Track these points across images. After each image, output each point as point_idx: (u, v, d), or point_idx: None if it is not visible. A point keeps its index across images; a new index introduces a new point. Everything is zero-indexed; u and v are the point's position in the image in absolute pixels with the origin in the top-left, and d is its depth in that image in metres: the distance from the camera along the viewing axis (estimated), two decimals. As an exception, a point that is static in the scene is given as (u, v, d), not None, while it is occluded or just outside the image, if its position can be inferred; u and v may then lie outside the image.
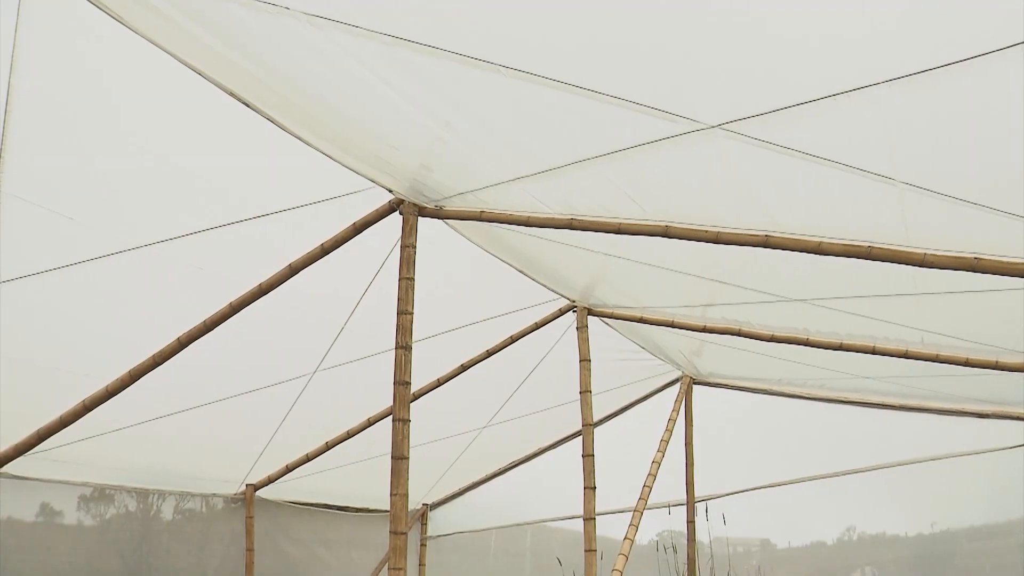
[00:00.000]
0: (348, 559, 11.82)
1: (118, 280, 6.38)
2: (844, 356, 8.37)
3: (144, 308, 6.89)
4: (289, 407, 8.64)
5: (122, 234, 5.92)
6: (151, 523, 9.80)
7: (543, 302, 8.47)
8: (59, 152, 5.22)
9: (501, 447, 11.84)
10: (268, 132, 5.26)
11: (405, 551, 6.09)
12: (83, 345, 7.07)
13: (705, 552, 11.89)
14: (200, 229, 6.01)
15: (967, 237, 5.17)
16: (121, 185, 5.62)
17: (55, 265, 5.94)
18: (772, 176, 5.15)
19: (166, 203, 5.88)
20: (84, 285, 6.31)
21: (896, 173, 4.67)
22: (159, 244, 6.01)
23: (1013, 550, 10.78)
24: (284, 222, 6.13)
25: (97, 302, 6.63)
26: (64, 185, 5.45)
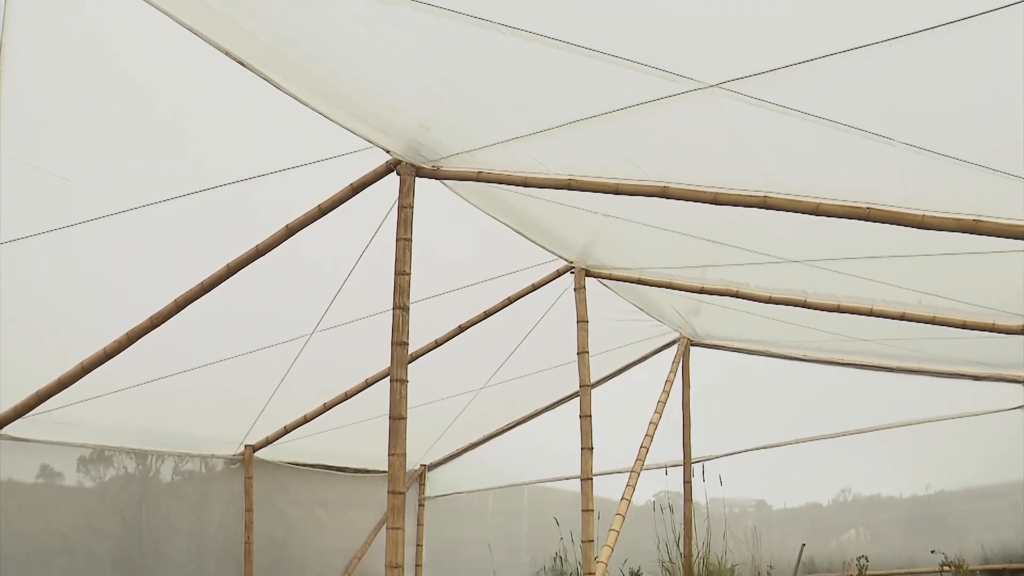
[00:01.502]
0: (346, 519, 11.89)
1: (115, 242, 6.36)
2: (842, 318, 8.38)
3: (141, 270, 6.88)
4: (287, 368, 8.65)
5: (119, 196, 5.89)
6: (150, 484, 9.84)
7: (541, 263, 8.46)
8: (55, 114, 5.18)
9: (499, 408, 11.88)
10: (265, 92, 5.22)
11: (403, 511, 6.12)
12: (81, 307, 7.07)
13: (701, 512, 11.96)
14: (197, 190, 5.98)
15: (966, 199, 5.15)
16: (118, 147, 5.58)
17: (52, 227, 5.92)
18: (771, 136, 5.13)
19: (163, 165, 5.84)
20: (81, 247, 6.29)
21: (895, 133, 4.65)
22: (156, 205, 5.98)
23: (1007, 511, 10.86)
24: (281, 183, 6.09)
25: (95, 264, 6.62)
26: (60, 147, 5.42)
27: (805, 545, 11.69)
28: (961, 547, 9.88)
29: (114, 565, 9.26)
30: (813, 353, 11.15)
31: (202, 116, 5.57)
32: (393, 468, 6.01)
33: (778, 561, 11.67)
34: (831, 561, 11.70)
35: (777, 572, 11.55)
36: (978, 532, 10.78)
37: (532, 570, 12.65)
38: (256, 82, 5.13)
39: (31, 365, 7.20)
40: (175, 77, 5.22)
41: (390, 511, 5.98)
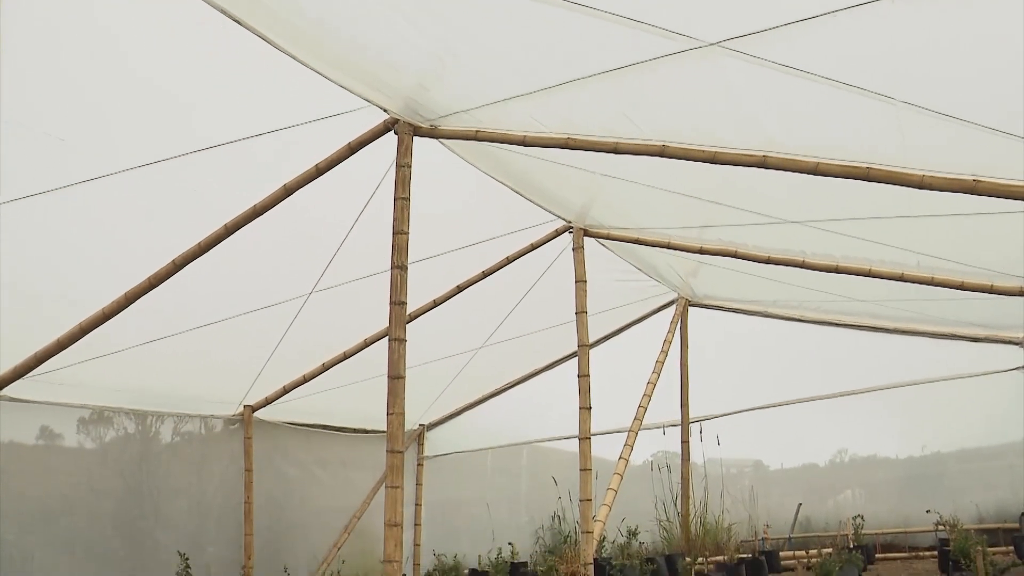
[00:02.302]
0: (345, 479, 11.95)
1: (112, 203, 6.33)
2: (840, 278, 8.39)
3: (139, 230, 6.85)
4: (286, 329, 8.66)
5: (115, 156, 5.86)
6: (150, 444, 9.88)
7: (539, 223, 8.44)
8: (50, 74, 5.13)
9: (497, 368, 11.91)
10: (261, 51, 5.17)
11: (402, 470, 6.14)
12: (79, 268, 7.05)
13: (699, 472, 12.03)
14: (194, 150, 5.94)
15: (966, 159, 5.14)
16: (113, 107, 5.54)
17: (47, 188, 5.89)
18: (770, 95, 5.10)
19: (159, 124, 5.80)
20: (78, 208, 6.26)
21: (895, 92, 4.62)
22: (153, 165, 5.95)
23: (1002, 471, 10.93)
24: (278, 143, 6.06)
25: (92, 225, 6.59)
26: (55, 107, 5.38)
27: (802, 504, 11.78)
28: (956, 507, 9.95)
29: (115, 525, 9.32)
30: (811, 314, 11.17)
31: (199, 76, 5.53)
32: (392, 427, 6.03)
33: (775, 520, 11.76)
34: (827, 520, 11.79)
35: (774, 531, 11.64)
36: (973, 492, 10.85)
37: (531, 529, 12.73)
38: (253, 41, 5.09)
39: (30, 327, 7.21)
40: (171, 37, 5.17)
41: (389, 470, 6.01)
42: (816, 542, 10.45)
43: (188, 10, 4.76)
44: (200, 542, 9.95)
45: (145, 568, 9.11)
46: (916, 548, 11.01)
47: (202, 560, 9.48)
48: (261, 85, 5.69)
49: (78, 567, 8.71)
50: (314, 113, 5.94)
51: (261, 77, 5.60)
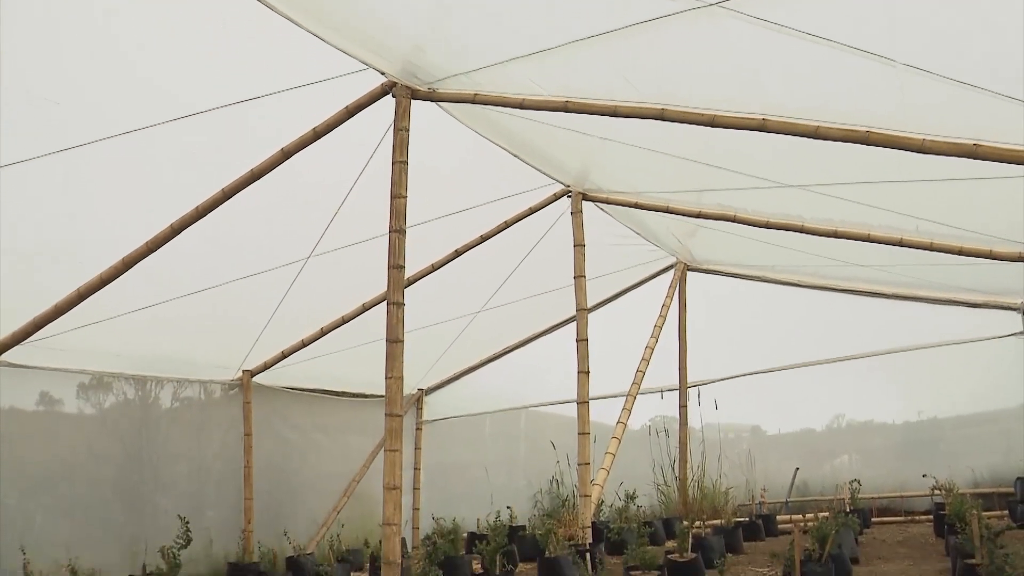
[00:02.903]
0: (344, 443, 12.00)
1: (109, 168, 6.30)
2: (839, 243, 8.37)
3: (136, 196, 6.83)
4: (284, 293, 8.65)
5: (110, 121, 5.83)
6: (150, 410, 9.90)
7: (538, 187, 8.43)
8: (43, 38, 5.09)
9: (496, 333, 11.92)
10: (258, 14, 5.13)
11: (401, 433, 6.17)
12: (76, 234, 7.04)
13: (697, 437, 12.08)
14: (190, 114, 5.91)
15: (966, 122, 5.11)
16: (109, 71, 5.50)
17: (44, 152, 5.86)
18: (771, 57, 5.08)
19: (155, 89, 5.77)
20: (74, 174, 6.24)
21: (896, 55, 4.60)
22: (150, 129, 5.92)
23: (997, 437, 10.98)
24: (275, 106, 6.03)
25: (89, 190, 6.57)
26: (49, 72, 5.33)
27: (799, 469, 11.84)
28: (952, 472, 9.98)
29: (115, 490, 9.36)
30: (809, 278, 11.18)
31: (196, 40, 5.49)
32: (391, 391, 6.05)
33: (772, 484, 11.82)
34: (824, 485, 11.85)
35: (771, 495, 11.70)
36: (969, 457, 10.90)
37: (529, 493, 12.78)
38: (250, 4, 5.05)
39: (28, 293, 7.20)
40: (167, 2, 5.13)
41: (388, 433, 6.03)
42: (813, 506, 10.52)
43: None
44: (200, 506, 10.01)
45: (145, 532, 9.16)
46: (912, 512, 11.08)
47: (202, 524, 9.52)
48: (258, 48, 5.66)
49: (79, 531, 8.76)
50: (311, 76, 5.91)
51: (258, 40, 5.56)
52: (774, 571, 7.18)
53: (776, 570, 6.91)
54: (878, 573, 7.22)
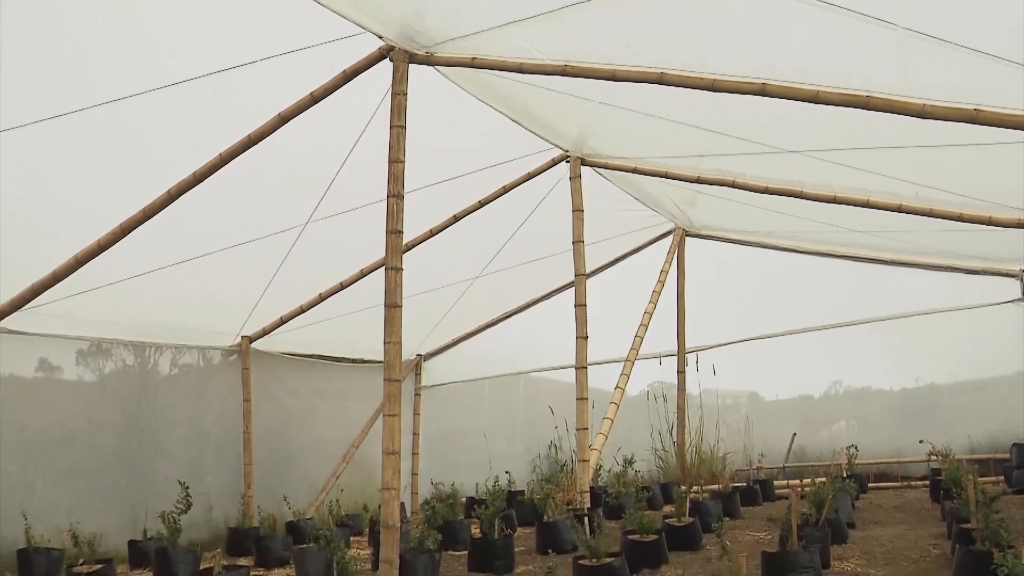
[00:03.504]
0: (343, 409, 12.03)
1: (105, 134, 6.27)
2: (837, 209, 8.36)
3: (132, 161, 6.80)
4: (282, 259, 8.64)
5: (106, 86, 5.79)
6: (149, 376, 9.92)
7: (536, 152, 8.39)
8: (39, 4, 5.05)
9: (494, 298, 11.92)
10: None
11: (399, 398, 6.18)
12: (74, 201, 7.01)
13: (695, 403, 12.12)
14: (187, 78, 5.87)
15: (967, 87, 5.08)
16: (103, 37, 5.46)
17: (39, 118, 5.83)
18: (771, 20, 5.03)
19: (151, 54, 5.73)
20: (71, 140, 6.21)
21: (897, 19, 4.56)
22: (145, 95, 5.89)
23: (993, 403, 11.02)
24: (272, 71, 5.99)
25: (85, 156, 6.55)
26: (44, 38, 5.29)
27: (796, 435, 11.88)
28: (949, 438, 10.02)
29: (115, 456, 9.39)
30: (808, 244, 11.16)
31: (191, 4, 5.44)
32: (389, 356, 6.05)
33: (770, 450, 11.87)
34: (821, 450, 11.90)
35: (768, 460, 11.76)
36: (966, 423, 10.95)
37: (527, 458, 12.85)
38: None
39: (26, 259, 7.18)
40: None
41: (386, 398, 6.04)
42: (810, 471, 10.56)
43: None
44: (200, 472, 10.04)
45: (145, 498, 9.20)
46: (908, 478, 11.14)
47: (202, 489, 9.55)
48: (255, 12, 5.61)
49: (79, 497, 8.80)
50: (308, 40, 5.87)
51: (255, 4, 5.52)
52: (771, 535, 7.23)
53: (773, 534, 6.95)
54: (874, 537, 7.26)
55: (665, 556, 6.66)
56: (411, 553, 6.40)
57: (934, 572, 5.77)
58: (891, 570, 5.94)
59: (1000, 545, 4.92)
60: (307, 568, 6.94)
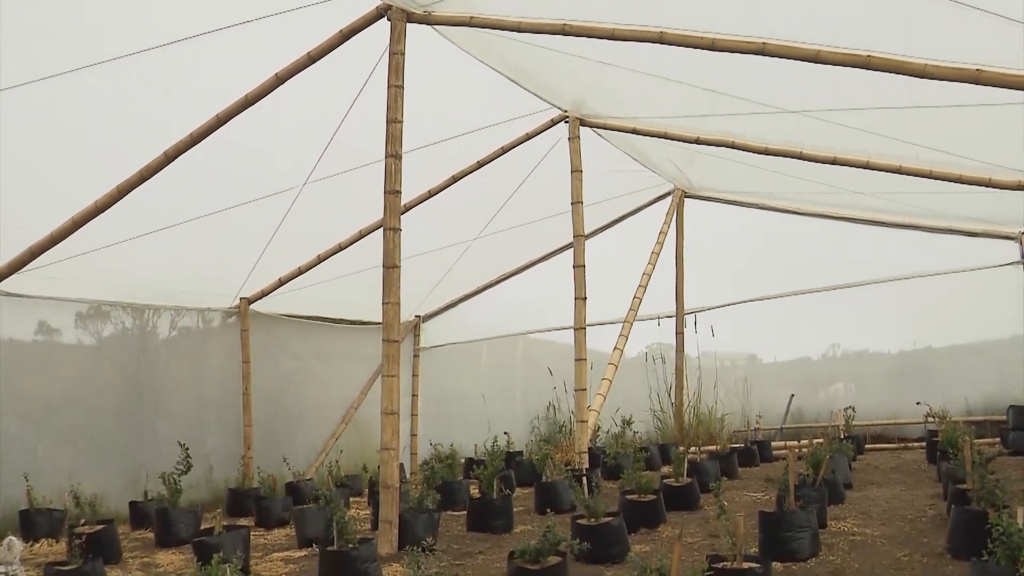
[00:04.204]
0: (343, 371, 12.04)
1: (101, 95, 6.23)
2: (837, 170, 8.33)
3: (128, 122, 6.76)
4: (280, 220, 8.62)
5: (101, 46, 5.74)
6: (148, 339, 9.92)
7: (535, 112, 8.35)
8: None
9: (493, 260, 11.89)
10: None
11: (398, 359, 6.20)
12: (70, 163, 6.98)
13: (693, 365, 12.15)
14: (182, 38, 5.83)
15: (969, 47, 5.05)
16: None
17: (34, 77, 5.79)
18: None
19: (146, 13, 5.68)
20: (67, 101, 6.18)
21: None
22: (141, 54, 5.85)
23: (990, 367, 11.04)
24: (268, 30, 5.94)
25: (81, 117, 6.51)
26: None
27: (794, 396, 11.92)
28: (945, 400, 10.05)
29: (116, 418, 9.41)
30: (808, 206, 11.13)
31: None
32: (387, 317, 6.06)
33: (767, 411, 11.91)
34: (819, 412, 11.96)
35: (766, 422, 11.80)
36: (963, 386, 10.99)
37: (526, 419, 12.89)
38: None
39: (24, 222, 7.15)
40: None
41: (385, 359, 6.06)
42: (807, 432, 10.59)
43: None
44: (200, 434, 10.06)
45: (146, 459, 9.24)
46: (905, 439, 11.20)
47: (202, 451, 9.59)
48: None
49: (80, 459, 8.83)
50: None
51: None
52: (769, 495, 7.26)
53: (771, 494, 6.99)
54: (871, 498, 7.30)
55: (663, 516, 6.69)
56: (410, 513, 6.43)
57: (930, 532, 5.81)
58: (887, 530, 5.98)
59: (995, 505, 4.95)
60: (307, 528, 6.97)
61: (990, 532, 3.89)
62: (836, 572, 4.97)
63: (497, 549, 6.24)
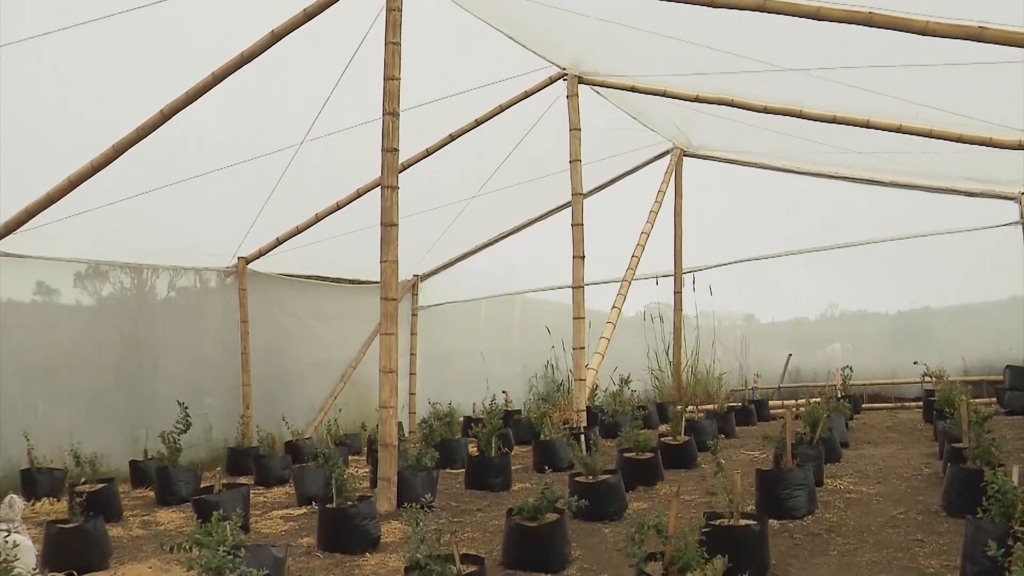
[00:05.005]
0: (341, 330, 12.05)
1: (95, 50, 6.18)
2: (837, 129, 8.29)
3: (124, 79, 6.72)
4: (277, 179, 8.58)
5: (95, 3, 5.69)
6: (147, 299, 9.91)
7: (533, 70, 8.30)
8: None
9: (491, 219, 11.87)
10: None
11: (396, 317, 6.20)
12: (66, 122, 6.94)
13: (691, 324, 12.17)
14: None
15: (972, 4, 5.00)
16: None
17: (33, 34, 5.74)
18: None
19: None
20: (61, 59, 6.13)
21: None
22: (136, 12, 5.79)
23: (988, 327, 11.07)
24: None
25: (77, 75, 6.46)
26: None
27: (791, 356, 11.95)
28: (943, 360, 10.08)
29: (115, 378, 9.42)
30: (807, 165, 11.10)
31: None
32: (385, 275, 6.05)
33: (765, 371, 11.95)
34: (816, 371, 12.00)
35: (764, 381, 11.85)
36: (960, 346, 11.02)
37: (524, 378, 12.93)
38: None
39: (20, 182, 7.11)
40: None
41: (383, 317, 6.06)
42: (805, 392, 10.64)
43: None
44: (199, 393, 10.08)
45: (146, 418, 9.25)
46: (902, 399, 11.25)
47: (201, 410, 9.61)
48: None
49: (80, 418, 8.85)
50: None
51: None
52: (766, 454, 7.30)
53: (768, 453, 7.02)
54: (867, 456, 7.34)
55: (661, 474, 6.74)
56: (409, 471, 6.47)
57: (925, 490, 5.84)
58: (883, 488, 6.02)
59: (991, 464, 4.98)
60: (306, 486, 7.02)
61: (985, 490, 3.91)
62: (832, 529, 5.00)
63: (495, 506, 6.29)
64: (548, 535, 4.69)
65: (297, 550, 5.37)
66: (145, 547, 5.73)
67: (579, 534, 5.21)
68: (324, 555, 5.27)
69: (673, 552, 3.49)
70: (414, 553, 3.80)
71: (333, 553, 5.27)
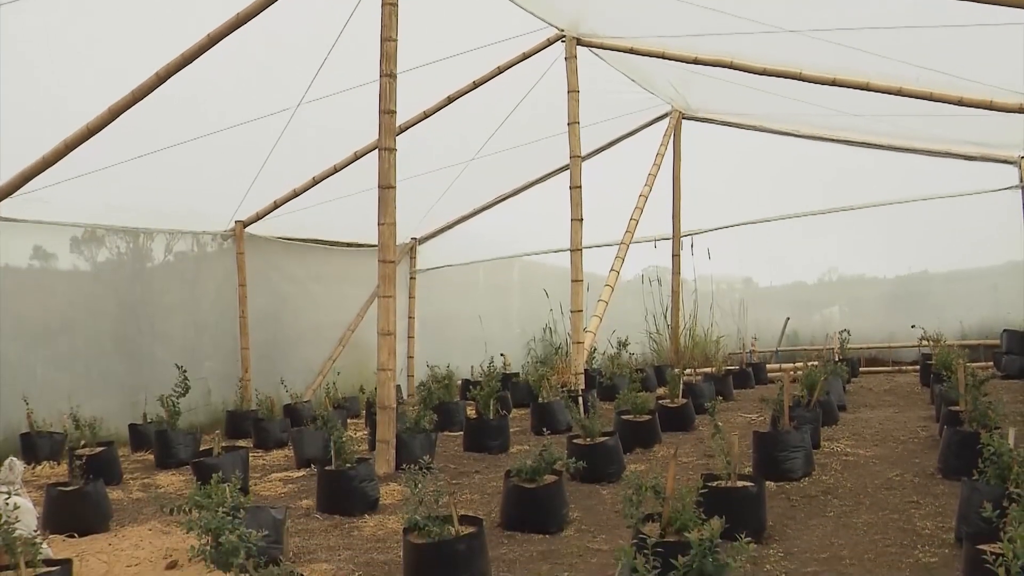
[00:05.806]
0: (340, 293, 12.03)
1: (89, 12, 6.13)
2: (837, 92, 8.25)
3: (119, 42, 6.66)
4: (274, 142, 8.54)
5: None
6: (144, 263, 9.88)
7: (532, 31, 8.24)
8: None
9: (489, 181, 11.83)
10: None
11: (394, 280, 6.20)
12: (61, 85, 6.89)
13: (689, 287, 12.18)
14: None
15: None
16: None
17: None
18: None
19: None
20: (57, 21, 6.08)
21: None
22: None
23: (985, 292, 11.09)
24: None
25: (72, 37, 6.41)
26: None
27: (789, 319, 11.97)
28: (940, 324, 10.10)
29: (113, 342, 9.41)
30: (806, 128, 11.06)
31: None
32: (383, 237, 6.04)
33: (763, 333, 11.98)
34: (814, 334, 12.03)
35: (761, 344, 11.88)
36: (958, 310, 11.04)
37: (522, 341, 12.95)
38: None
39: (14, 146, 7.07)
40: None
41: (381, 280, 6.06)
42: (802, 355, 10.66)
43: None
44: (197, 357, 10.08)
45: (144, 382, 9.26)
46: (900, 362, 11.29)
47: (200, 374, 9.61)
48: None
49: (79, 382, 8.86)
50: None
51: None
52: (763, 416, 7.33)
53: (765, 415, 7.05)
54: (864, 419, 7.37)
55: (658, 436, 6.77)
56: (407, 433, 6.49)
57: (922, 453, 5.87)
58: (880, 450, 6.04)
59: (987, 426, 5.00)
60: (305, 449, 7.04)
61: (981, 452, 3.93)
62: (829, 491, 5.03)
63: (494, 468, 6.32)
64: (546, 496, 4.72)
65: (296, 512, 5.40)
66: (145, 509, 5.76)
67: (577, 496, 5.25)
68: (323, 517, 5.30)
69: (670, 513, 3.51)
70: (413, 514, 3.82)
71: (332, 515, 5.30)
